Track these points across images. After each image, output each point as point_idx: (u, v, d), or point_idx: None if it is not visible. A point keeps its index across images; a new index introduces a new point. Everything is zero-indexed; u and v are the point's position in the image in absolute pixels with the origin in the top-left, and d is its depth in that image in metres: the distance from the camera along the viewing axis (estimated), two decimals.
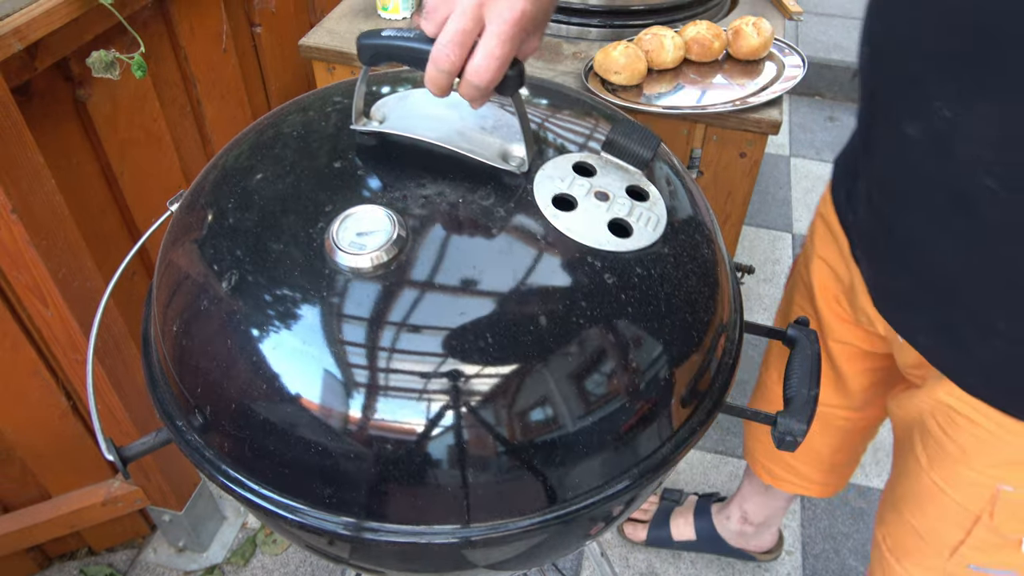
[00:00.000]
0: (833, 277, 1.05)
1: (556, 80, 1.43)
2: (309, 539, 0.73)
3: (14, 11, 0.98)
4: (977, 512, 0.88)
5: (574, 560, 1.70)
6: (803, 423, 0.70)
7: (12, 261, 1.07)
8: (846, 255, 0.99)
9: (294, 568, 1.67)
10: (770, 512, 1.58)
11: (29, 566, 1.61)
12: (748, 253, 2.50)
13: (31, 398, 1.28)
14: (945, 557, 0.95)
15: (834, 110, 3.24)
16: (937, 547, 0.96)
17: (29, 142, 1.01)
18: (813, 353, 0.78)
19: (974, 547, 0.91)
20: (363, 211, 0.62)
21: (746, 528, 1.64)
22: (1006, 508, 0.86)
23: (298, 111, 0.78)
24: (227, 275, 0.61)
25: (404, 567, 0.76)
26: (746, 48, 1.47)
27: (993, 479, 0.85)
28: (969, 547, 0.92)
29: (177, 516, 1.58)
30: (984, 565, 0.93)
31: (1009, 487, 0.84)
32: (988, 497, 0.86)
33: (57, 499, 1.48)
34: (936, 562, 0.97)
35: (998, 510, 0.86)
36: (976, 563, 0.93)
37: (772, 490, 1.49)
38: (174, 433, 0.69)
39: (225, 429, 0.63)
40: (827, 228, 1.04)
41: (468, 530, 0.64)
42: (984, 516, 0.88)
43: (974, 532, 0.90)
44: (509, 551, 0.73)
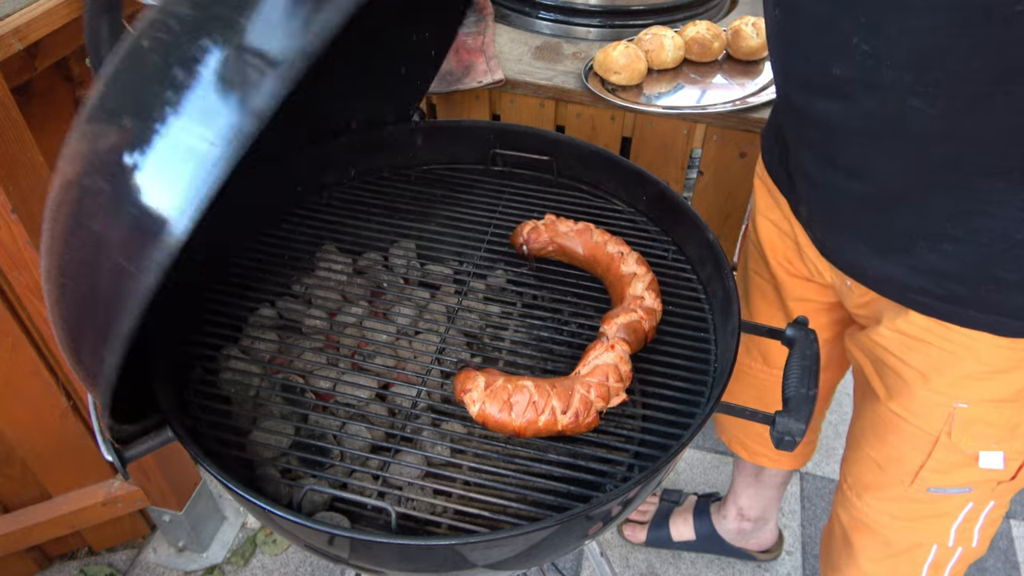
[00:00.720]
0: (779, 234, 1.10)
1: (556, 80, 1.43)
2: (308, 538, 0.73)
3: (14, 11, 0.98)
4: (936, 433, 0.93)
5: (574, 560, 1.70)
6: (802, 422, 0.70)
7: (12, 261, 1.07)
8: (787, 212, 1.05)
9: (294, 568, 1.67)
10: (764, 504, 1.59)
11: (29, 566, 1.61)
12: None
13: (31, 398, 1.28)
14: (906, 484, 0.99)
15: None
16: (897, 476, 1.00)
17: (29, 142, 1.01)
18: (812, 353, 0.78)
19: (934, 469, 0.95)
20: None
21: (744, 525, 1.64)
22: (962, 424, 0.90)
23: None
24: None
25: (404, 567, 0.76)
26: (746, 48, 1.47)
27: (950, 398, 0.89)
28: (929, 470, 0.96)
29: (177, 516, 1.58)
30: (943, 486, 0.97)
31: (964, 404, 0.89)
32: (945, 416, 0.91)
33: (57, 499, 1.48)
34: (896, 491, 1.01)
35: (955, 428, 0.91)
36: (935, 485, 0.97)
37: (761, 480, 1.52)
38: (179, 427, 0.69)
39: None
40: (767, 191, 1.10)
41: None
42: (943, 436, 0.92)
43: (934, 454, 0.94)
44: (508, 551, 0.73)
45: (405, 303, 1.03)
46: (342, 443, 0.89)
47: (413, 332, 1.02)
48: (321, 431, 0.88)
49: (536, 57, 1.51)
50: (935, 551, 1.03)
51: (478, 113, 1.51)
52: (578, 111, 1.44)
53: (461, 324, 0.99)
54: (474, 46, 1.51)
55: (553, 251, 1.02)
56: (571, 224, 1.01)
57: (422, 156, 1.19)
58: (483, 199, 1.12)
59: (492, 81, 1.42)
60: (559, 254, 1.02)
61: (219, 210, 0.59)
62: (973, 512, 0.98)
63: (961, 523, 0.99)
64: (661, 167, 1.47)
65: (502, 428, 0.76)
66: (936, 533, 1.02)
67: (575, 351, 0.92)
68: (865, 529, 1.08)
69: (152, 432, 0.77)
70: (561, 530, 0.71)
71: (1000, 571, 1.71)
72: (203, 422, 0.83)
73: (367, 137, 1.15)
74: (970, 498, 0.97)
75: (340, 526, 0.79)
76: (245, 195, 1.02)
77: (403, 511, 0.79)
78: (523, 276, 1.07)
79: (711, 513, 1.70)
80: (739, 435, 1.41)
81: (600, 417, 0.78)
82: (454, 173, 1.17)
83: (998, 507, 0.98)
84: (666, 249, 1.04)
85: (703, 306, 0.96)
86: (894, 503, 1.02)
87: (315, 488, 0.76)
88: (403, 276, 1.12)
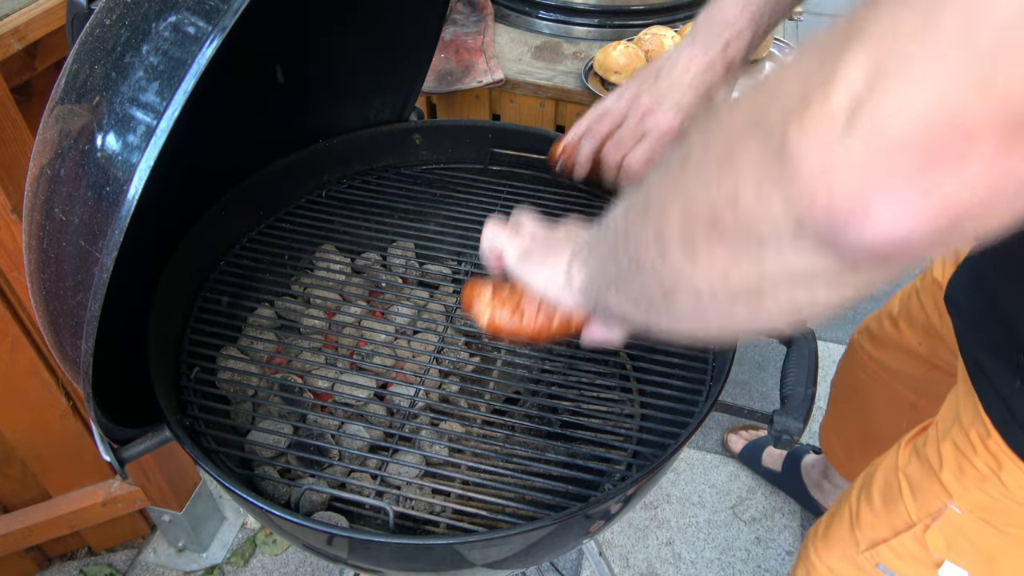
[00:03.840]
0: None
1: (556, 80, 1.43)
2: (307, 538, 0.73)
3: (14, 11, 0.98)
4: (915, 520, 0.88)
5: (574, 560, 1.70)
6: (799, 421, 0.70)
7: (12, 261, 1.07)
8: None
9: (294, 568, 1.67)
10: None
11: (29, 566, 1.62)
12: None
13: (31, 398, 1.28)
14: (861, 548, 0.94)
15: None
16: (859, 537, 0.95)
17: (29, 142, 1.01)
18: (811, 351, 0.78)
19: (894, 550, 0.91)
20: None
21: (824, 483, 1.68)
22: (944, 526, 0.85)
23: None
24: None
25: (403, 567, 0.76)
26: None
27: (949, 496, 0.84)
28: (890, 548, 0.91)
29: (177, 516, 1.58)
30: (892, 570, 0.92)
31: (958, 508, 0.83)
32: (935, 511, 0.86)
33: (57, 499, 1.48)
34: (849, 551, 0.97)
35: (937, 525, 0.85)
36: (886, 565, 0.92)
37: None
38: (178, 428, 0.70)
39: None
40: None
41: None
42: (919, 526, 0.87)
43: (901, 537, 0.89)
44: (506, 550, 0.73)
45: (404, 303, 1.03)
46: (340, 443, 0.89)
47: (411, 332, 1.02)
48: (319, 431, 0.88)
49: (536, 57, 1.51)
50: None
51: (478, 113, 1.51)
52: (578, 111, 1.44)
53: (460, 324, 0.99)
54: (474, 46, 1.51)
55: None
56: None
57: (421, 156, 1.19)
58: (482, 199, 1.12)
59: (492, 81, 1.42)
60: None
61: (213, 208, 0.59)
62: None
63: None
64: None
65: (515, 335, 0.70)
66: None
67: (574, 350, 0.92)
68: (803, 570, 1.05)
69: (150, 432, 0.77)
70: (559, 529, 0.71)
71: None
72: (201, 422, 0.83)
73: (366, 137, 1.15)
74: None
75: (338, 526, 0.79)
76: (243, 193, 1.03)
77: (401, 510, 0.79)
78: None
79: (802, 457, 1.75)
80: (836, 440, 1.48)
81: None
82: (453, 173, 1.17)
83: None
84: None
85: None
86: (840, 562, 0.98)
87: (313, 488, 0.76)
88: (402, 276, 1.12)
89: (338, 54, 1.08)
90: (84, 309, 0.55)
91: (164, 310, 0.87)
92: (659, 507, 1.81)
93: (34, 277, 0.61)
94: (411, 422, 0.88)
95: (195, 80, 0.51)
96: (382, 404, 0.93)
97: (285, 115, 1.09)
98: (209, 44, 0.51)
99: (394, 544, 0.67)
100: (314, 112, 1.12)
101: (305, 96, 1.10)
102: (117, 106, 0.54)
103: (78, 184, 0.55)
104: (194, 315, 0.93)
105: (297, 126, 1.11)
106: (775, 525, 1.77)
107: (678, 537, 1.76)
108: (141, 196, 0.52)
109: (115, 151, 0.54)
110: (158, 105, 0.52)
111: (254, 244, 1.04)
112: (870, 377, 1.33)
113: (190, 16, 0.53)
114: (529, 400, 0.92)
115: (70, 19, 0.76)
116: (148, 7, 0.55)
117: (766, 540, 1.75)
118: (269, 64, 1.01)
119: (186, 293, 0.95)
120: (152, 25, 0.54)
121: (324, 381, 0.92)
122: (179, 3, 0.53)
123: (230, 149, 0.99)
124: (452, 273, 1.11)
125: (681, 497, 1.83)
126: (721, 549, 1.73)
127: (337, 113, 1.14)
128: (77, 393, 1.32)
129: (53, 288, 0.59)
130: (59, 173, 0.56)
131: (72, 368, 0.61)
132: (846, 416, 1.48)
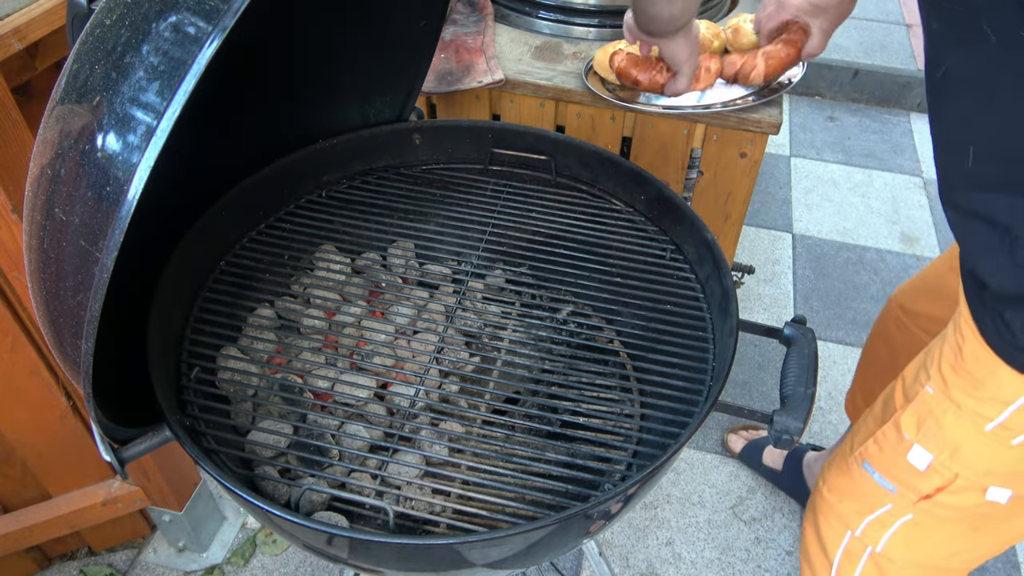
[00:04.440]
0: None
1: (556, 80, 1.43)
2: (307, 538, 0.73)
3: (14, 11, 0.98)
4: (897, 407, 0.92)
5: (574, 560, 1.70)
6: (799, 421, 0.70)
7: (12, 261, 1.07)
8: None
9: (294, 568, 1.67)
10: None
11: (29, 566, 1.62)
12: (748, 253, 2.50)
13: (31, 398, 1.28)
14: (851, 451, 1.00)
15: (834, 110, 3.23)
16: (851, 444, 1.01)
17: (29, 142, 1.01)
18: (810, 351, 0.78)
19: (876, 441, 0.95)
20: None
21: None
22: (918, 407, 0.89)
23: None
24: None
25: (403, 567, 0.76)
26: (747, 44, 1.47)
27: (927, 380, 0.88)
28: (874, 441, 0.95)
29: (177, 516, 1.58)
30: (874, 467, 0.96)
31: (931, 389, 0.87)
32: (913, 395, 0.90)
33: (57, 499, 1.48)
34: (840, 459, 1.02)
35: (911, 407, 0.89)
36: (869, 462, 0.97)
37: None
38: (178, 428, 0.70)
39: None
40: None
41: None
42: (898, 412, 0.92)
43: (883, 426, 0.94)
44: (506, 550, 0.73)
45: (403, 303, 1.03)
46: (340, 443, 0.89)
47: (411, 332, 1.02)
48: (319, 431, 0.88)
49: (536, 57, 1.51)
50: (848, 537, 1.03)
51: (478, 113, 1.51)
52: (578, 111, 1.44)
53: (460, 324, 0.99)
54: (474, 46, 1.51)
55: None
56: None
57: (421, 156, 1.19)
58: (482, 199, 1.12)
59: (492, 81, 1.42)
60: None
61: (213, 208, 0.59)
62: (888, 515, 0.96)
63: (874, 520, 0.98)
64: (661, 167, 1.47)
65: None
66: (850, 518, 1.01)
67: (574, 350, 0.92)
68: (810, 508, 1.10)
69: (150, 432, 0.77)
70: (559, 529, 0.71)
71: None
72: (201, 422, 0.83)
73: (366, 137, 1.15)
74: (891, 499, 0.94)
75: (338, 526, 0.79)
76: (243, 193, 1.03)
77: (402, 510, 0.79)
78: (521, 276, 1.07)
79: (803, 456, 1.75)
80: (858, 389, 1.47)
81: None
82: (453, 173, 1.17)
83: (914, 526, 0.94)
84: (664, 249, 1.04)
85: (701, 306, 0.96)
86: (836, 475, 1.03)
87: (313, 488, 0.76)
88: (401, 276, 1.12)
89: (338, 54, 1.08)
90: (84, 309, 0.55)
91: (164, 310, 0.87)
92: (659, 507, 1.81)
93: (34, 277, 0.61)
94: (411, 422, 0.88)
95: (195, 80, 0.51)
96: (382, 404, 0.93)
97: (285, 115, 1.09)
98: (209, 44, 0.51)
99: (394, 544, 0.67)
100: (314, 112, 1.12)
101: (305, 96, 1.10)
102: (117, 106, 0.54)
103: (78, 184, 0.55)
104: (194, 315, 0.93)
105: (297, 126, 1.11)
106: (775, 525, 1.77)
107: (678, 537, 1.76)
108: (141, 196, 0.53)
109: (115, 151, 0.54)
110: (158, 105, 0.52)
111: (254, 244, 1.04)
112: (901, 331, 1.34)
113: (190, 16, 0.53)
114: (529, 400, 0.92)
115: (70, 19, 0.76)
116: (148, 7, 0.55)
117: (766, 540, 1.75)
118: (269, 64, 1.01)
119: (186, 293, 0.95)
120: (152, 25, 0.54)
121: (324, 381, 0.92)
122: (179, 3, 0.54)
123: (230, 149, 1.00)
124: (452, 273, 1.11)
125: (681, 497, 1.84)
126: (721, 549, 1.73)
127: (337, 113, 1.14)
128: (77, 393, 1.32)
129: (53, 288, 0.59)
130: (59, 173, 0.56)
131: (72, 368, 0.61)
132: (873, 369, 1.47)
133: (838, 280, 2.40)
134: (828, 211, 2.68)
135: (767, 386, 2.06)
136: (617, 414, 0.89)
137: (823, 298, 2.34)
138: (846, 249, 2.51)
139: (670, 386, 0.86)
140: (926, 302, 1.25)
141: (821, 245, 2.53)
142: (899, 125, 3.14)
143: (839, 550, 1.04)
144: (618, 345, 1.06)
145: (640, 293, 0.97)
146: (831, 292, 2.36)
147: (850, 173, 2.87)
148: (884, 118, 3.19)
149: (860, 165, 2.91)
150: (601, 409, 0.88)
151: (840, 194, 2.76)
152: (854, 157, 2.95)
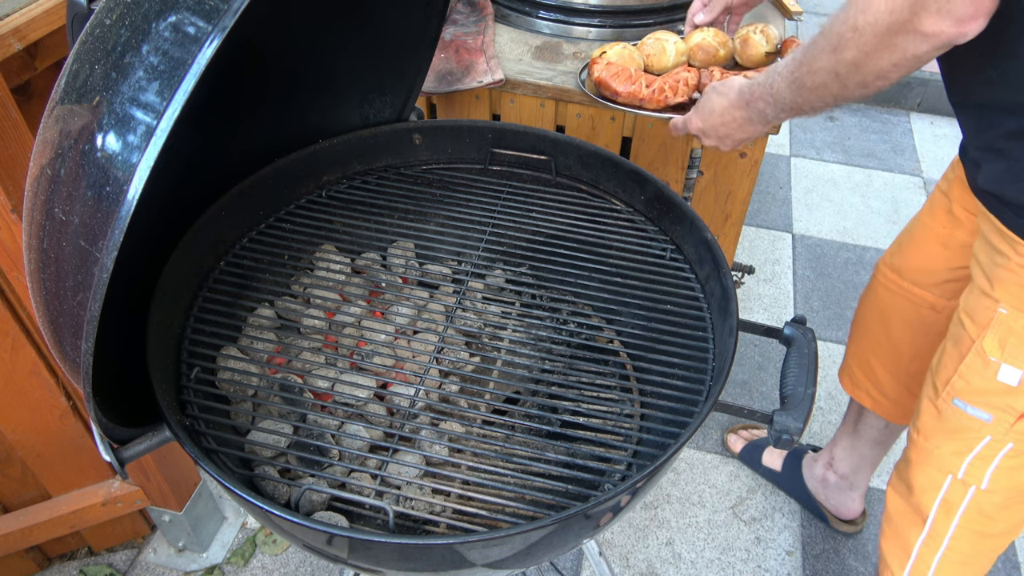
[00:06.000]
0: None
1: (556, 80, 1.43)
2: (307, 538, 0.73)
3: (14, 11, 0.98)
4: (975, 336, 0.94)
5: (574, 560, 1.70)
6: (799, 421, 0.70)
7: (12, 261, 1.07)
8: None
9: (294, 568, 1.67)
10: (856, 462, 1.61)
11: (29, 566, 1.62)
12: (748, 253, 2.50)
13: (31, 398, 1.28)
14: (939, 392, 1.01)
15: (834, 110, 3.24)
16: (935, 386, 1.02)
17: (29, 142, 1.01)
18: (810, 351, 0.78)
19: (962, 376, 0.97)
20: None
21: (829, 475, 1.68)
22: (997, 330, 0.92)
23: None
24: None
25: (403, 567, 0.76)
26: (756, 56, 1.45)
27: (997, 303, 0.91)
28: (960, 376, 0.97)
29: (177, 516, 1.58)
30: (966, 400, 0.98)
31: (1005, 309, 0.90)
32: (988, 320, 0.92)
33: (57, 499, 1.48)
34: (927, 404, 1.04)
35: (990, 331, 0.92)
36: (960, 397, 0.98)
37: (858, 430, 1.55)
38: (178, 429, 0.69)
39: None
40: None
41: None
42: (978, 341, 0.94)
43: (967, 358, 0.96)
44: (506, 550, 0.73)
45: (403, 303, 1.03)
46: (340, 443, 0.89)
47: (411, 332, 1.02)
48: (319, 431, 0.88)
49: (536, 57, 1.51)
50: (948, 483, 1.03)
51: (478, 113, 1.51)
52: (578, 111, 1.44)
53: (460, 324, 0.99)
54: (474, 46, 1.51)
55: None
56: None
57: (421, 156, 1.19)
58: (482, 199, 1.12)
59: (492, 81, 1.42)
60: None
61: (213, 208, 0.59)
62: (989, 448, 0.98)
63: (975, 457, 0.99)
64: (661, 167, 1.47)
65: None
66: (950, 462, 1.02)
67: (574, 350, 0.92)
68: (901, 467, 1.10)
69: (150, 432, 0.77)
70: (559, 529, 0.71)
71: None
72: (201, 422, 0.83)
73: (366, 136, 1.15)
74: (989, 430, 0.97)
75: (338, 526, 0.79)
76: (243, 193, 1.03)
77: (401, 510, 0.79)
78: (521, 276, 1.07)
79: (803, 456, 1.76)
80: (851, 363, 1.46)
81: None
82: (453, 173, 1.17)
83: (1016, 454, 0.97)
84: (664, 248, 1.04)
85: (701, 306, 0.96)
86: (923, 416, 1.04)
87: (313, 488, 0.76)
88: (401, 276, 1.12)
89: (339, 54, 1.08)
90: (84, 309, 0.55)
91: (164, 310, 0.87)
92: (659, 507, 1.81)
93: (34, 277, 0.61)
94: (411, 422, 0.88)
95: (195, 80, 0.51)
96: (382, 404, 0.93)
97: (285, 115, 1.09)
98: (209, 44, 0.51)
99: (394, 544, 0.67)
100: (314, 112, 1.12)
101: (305, 96, 1.10)
102: (117, 106, 0.54)
103: (78, 184, 0.55)
104: (194, 315, 0.93)
105: (297, 126, 1.11)
106: (775, 525, 1.77)
107: (678, 537, 1.76)
108: (141, 196, 0.52)
109: (115, 151, 0.54)
110: (158, 105, 0.52)
111: (254, 244, 1.04)
112: (893, 295, 1.34)
113: (190, 16, 0.53)
114: (529, 400, 0.92)
115: (70, 19, 0.76)
116: (148, 7, 0.55)
117: (766, 540, 1.75)
118: (269, 64, 1.01)
119: (186, 293, 0.95)
120: (152, 25, 0.54)
121: (324, 381, 0.92)
122: (179, 3, 0.54)
123: (230, 149, 1.00)
124: (452, 273, 1.11)
125: (681, 497, 1.84)
126: (721, 549, 1.73)
127: (337, 113, 1.14)
128: (77, 393, 1.32)
129: (53, 288, 0.59)
130: (59, 173, 0.56)
131: (72, 368, 0.61)
132: (868, 338, 1.45)
133: (838, 280, 2.40)
134: (828, 211, 2.68)
135: (767, 386, 2.06)
136: (617, 414, 0.89)
137: (823, 298, 2.34)
138: (846, 249, 2.51)
139: (670, 386, 0.85)
140: (916, 255, 1.25)
141: (821, 245, 2.53)
142: (899, 125, 3.14)
143: (935, 502, 1.06)
144: (618, 345, 1.06)
145: (640, 293, 0.97)
146: (831, 292, 2.36)
147: (850, 173, 2.87)
148: (884, 118, 3.19)
149: (860, 165, 2.91)
150: (601, 409, 0.88)
151: (840, 194, 2.77)
152: (854, 157, 2.95)
